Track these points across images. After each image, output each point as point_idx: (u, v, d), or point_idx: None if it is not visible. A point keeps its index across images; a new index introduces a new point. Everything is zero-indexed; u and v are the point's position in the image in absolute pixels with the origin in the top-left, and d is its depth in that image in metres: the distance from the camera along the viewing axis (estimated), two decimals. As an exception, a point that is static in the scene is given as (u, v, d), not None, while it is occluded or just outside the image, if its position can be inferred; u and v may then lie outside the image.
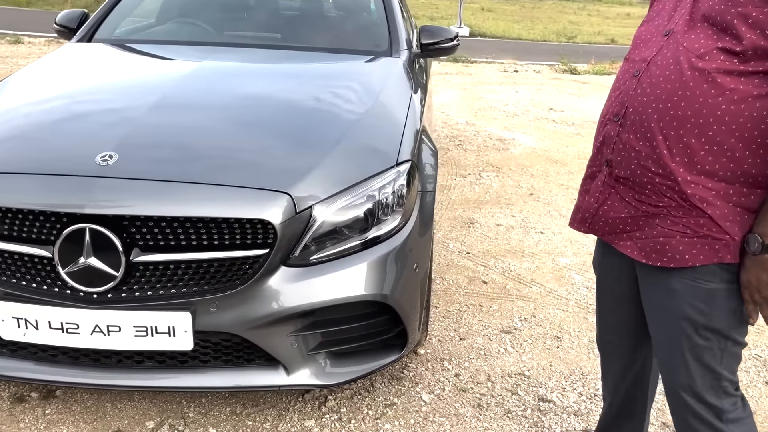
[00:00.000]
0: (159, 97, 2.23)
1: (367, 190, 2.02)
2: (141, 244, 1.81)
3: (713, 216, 1.29)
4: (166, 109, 2.17)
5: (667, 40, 1.35)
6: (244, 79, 2.64)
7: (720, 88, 1.23)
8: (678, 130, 1.29)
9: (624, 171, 1.40)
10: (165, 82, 2.42)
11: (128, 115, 2.10)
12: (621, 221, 1.44)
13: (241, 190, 1.84)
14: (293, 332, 1.93)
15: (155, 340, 1.83)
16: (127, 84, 2.49)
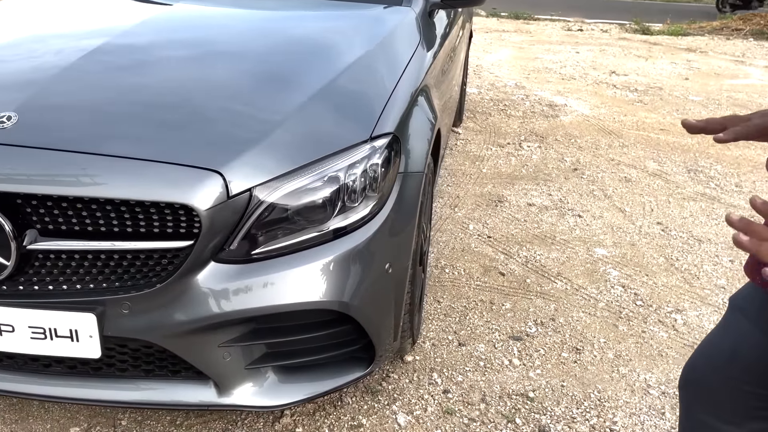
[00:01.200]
0: (96, 45, 1.87)
1: (329, 170, 1.62)
2: (39, 227, 1.47)
3: None
4: (99, 61, 1.80)
5: None
6: (206, 30, 2.24)
7: None
8: None
9: None
10: (114, 27, 2.05)
11: (49, 67, 1.75)
12: None
13: (159, 165, 1.47)
14: (226, 342, 1.57)
15: (55, 345, 1.51)
16: (69, 31, 2.13)
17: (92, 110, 1.62)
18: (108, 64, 1.81)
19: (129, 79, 1.77)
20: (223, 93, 1.75)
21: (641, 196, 3.75)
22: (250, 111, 1.69)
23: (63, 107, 1.61)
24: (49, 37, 2.09)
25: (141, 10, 2.36)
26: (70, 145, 1.49)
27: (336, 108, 1.80)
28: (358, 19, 2.44)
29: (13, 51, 1.95)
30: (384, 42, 2.23)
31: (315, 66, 1.95)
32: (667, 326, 2.48)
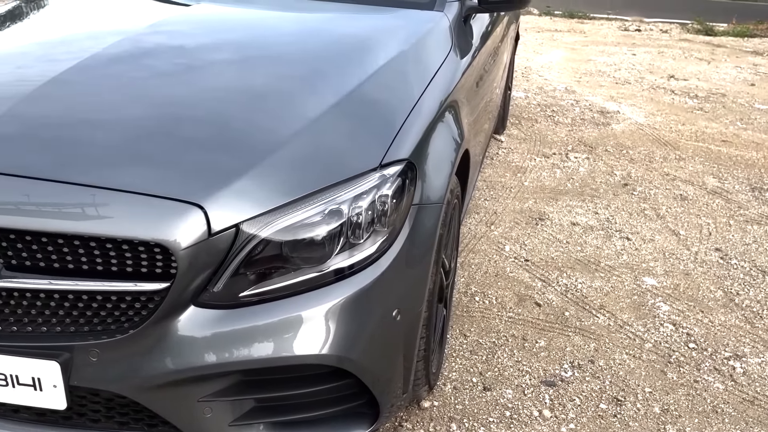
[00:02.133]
0: (87, 57, 1.70)
1: (331, 202, 1.41)
2: (2, 263, 1.32)
3: None
4: (85, 75, 1.64)
5: None
6: (213, 38, 2.06)
7: None
8: None
9: None
10: (107, 38, 1.87)
11: (32, 79, 1.59)
12: None
13: (131, 196, 1.29)
14: (207, 396, 1.39)
15: (17, 393, 1.35)
16: (66, 38, 1.98)
17: (67, 130, 1.46)
18: (96, 76, 1.65)
19: (116, 93, 1.60)
20: (215, 110, 1.56)
21: (698, 217, 3.42)
22: (245, 132, 1.49)
23: (39, 126, 1.45)
24: (45, 42, 1.95)
25: (153, 12, 2.21)
26: (38, 171, 1.33)
27: (345, 130, 1.59)
28: (382, 26, 2.23)
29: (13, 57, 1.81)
30: (408, 52, 2.01)
31: (326, 81, 1.75)
32: (725, 375, 2.18)
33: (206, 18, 2.27)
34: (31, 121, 1.46)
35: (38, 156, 1.37)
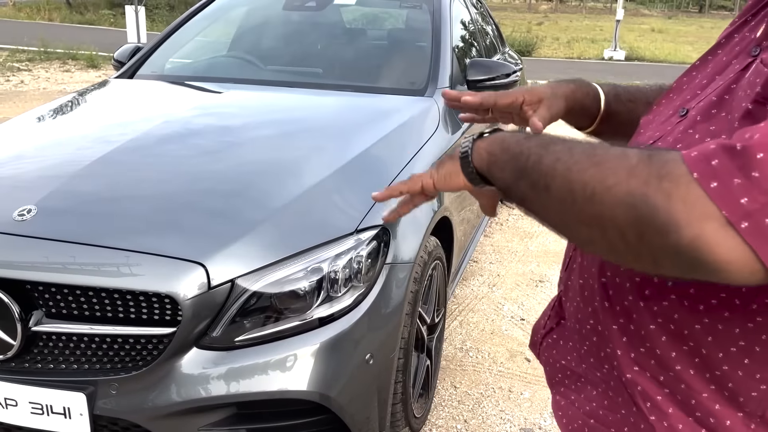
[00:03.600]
0: (121, 143, 2.06)
1: (313, 261, 1.69)
2: (44, 311, 1.63)
3: (657, 426, 0.76)
4: (118, 158, 1.99)
5: (678, 125, 0.78)
6: (226, 124, 2.41)
7: None
8: (623, 284, 0.78)
9: (570, 304, 0.90)
10: (143, 124, 2.25)
11: (79, 160, 1.95)
12: (560, 368, 0.94)
13: (146, 257, 1.60)
14: (207, 426, 1.64)
15: (51, 420, 1.63)
16: (105, 126, 2.36)
17: (101, 202, 1.80)
18: (127, 159, 2.00)
19: (142, 172, 1.95)
20: (217, 185, 1.88)
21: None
22: (242, 203, 1.80)
23: (77, 201, 1.79)
24: (88, 130, 2.33)
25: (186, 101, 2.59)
26: (75, 237, 1.65)
27: (328, 200, 1.89)
28: (380, 109, 2.55)
29: (51, 144, 2.19)
30: (397, 130, 2.33)
31: (323, 157, 2.07)
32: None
33: (230, 105, 2.65)
34: (77, 196, 1.81)
35: (77, 225, 1.70)
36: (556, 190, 0.68)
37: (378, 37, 3.46)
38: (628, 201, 0.61)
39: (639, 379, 0.78)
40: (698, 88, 0.81)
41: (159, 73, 3.12)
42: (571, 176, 0.67)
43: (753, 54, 0.73)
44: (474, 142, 0.84)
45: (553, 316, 0.98)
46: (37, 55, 11.73)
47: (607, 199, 0.63)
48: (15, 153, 2.14)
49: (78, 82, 9.55)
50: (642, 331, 0.77)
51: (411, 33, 3.28)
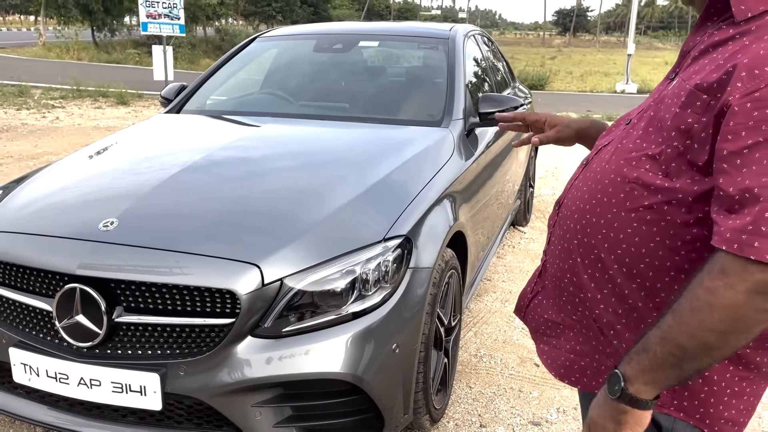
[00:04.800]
0: (182, 167, 2.42)
1: (347, 264, 2.01)
2: (124, 305, 1.95)
3: (619, 350, 1.08)
4: (181, 179, 2.34)
5: (622, 131, 1.14)
6: (270, 153, 2.77)
7: (635, 201, 1.04)
8: (590, 239, 1.10)
9: (551, 267, 1.24)
10: (199, 152, 2.61)
11: (146, 183, 2.30)
12: (544, 322, 1.27)
13: (211, 260, 1.93)
14: (258, 403, 1.94)
15: (129, 398, 1.94)
16: (167, 154, 2.73)
17: (170, 216, 2.14)
18: (188, 180, 2.35)
19: (202, 191, 2.29)
20: (270, 203, 2.22)
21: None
22: (289, 217, 2.13)
23: (151, 215, 2.14)
24: (153, 157, 2.70)
25: (220, 138, 2.95)
26: (152, 243, 1.99)
27: (362, 214, 2.22)
28: (400, 139, 2.89)
29: (122, 170, 2.55)
30: (417, 157, 2.66)
31: (352, 180, 2.40)
32: (689, 420, 2.57)
33: (270, 135, 3.01)
34: (149, 211, 2.15)
35: (151, 234, 2.03)
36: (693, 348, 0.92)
37: (398, 75, 3.83)
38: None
39: (605, 314, 1.10)
40: (641, 105, 1.16)
41: (202, 108, 3.51)
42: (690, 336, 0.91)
43: (671, 78, 1.10)
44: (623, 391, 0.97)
45: (538, 282, 1.31)
46: (69, 93, 12.34)
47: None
48: (90, 177, 2.51)
49: (110, 118, 10.07)
50: (606, 275, 1.09)
51: (428, 70, 3.63)
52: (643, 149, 1.05)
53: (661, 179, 1.00)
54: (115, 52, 22.44)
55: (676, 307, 0.93)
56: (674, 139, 0.99)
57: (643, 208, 1.03)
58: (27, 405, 2.12)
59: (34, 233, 2.11)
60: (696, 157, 0.96)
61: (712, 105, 0.94)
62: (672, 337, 0.92)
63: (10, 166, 6.53)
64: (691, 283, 0.92)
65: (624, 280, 1.06)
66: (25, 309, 2.07)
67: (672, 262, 1.01)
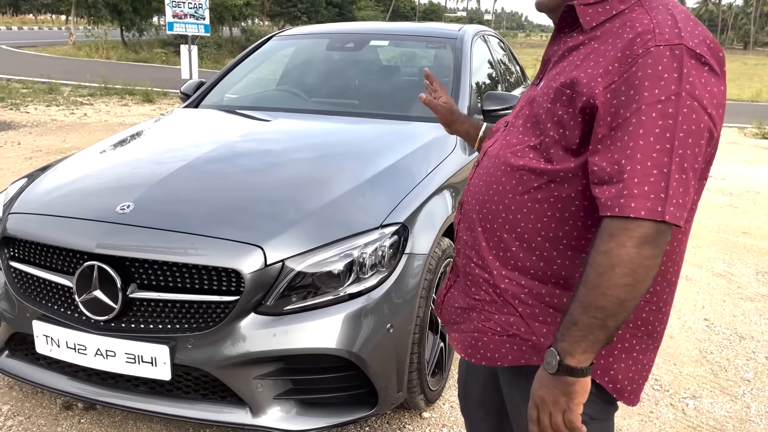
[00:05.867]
0: (195, 158, 2.57)
1: (346, 248, 2.14)
2: (138, 282, 2.11)
3: (523, 315, 1.25)
4: (194, 168, 2.49)
5: (503, 132, 1.35)
6: (279, 144, 2.91)
7: (526, 185, 1.22)
8: (493, 224, 1.28)
9: (459, 259, 1.41)
10: (212, 144, 2.76)
11: (161, 171, 2.46)
12: (454, 311, 1.42)
13: (218, 241, 2.07)
14: (260, 376, 2.08)
15: (141, 368, 2.10)
16: (182, 145, 2.89)
17: (182, 201, 2.29)
18: (200, 169, 2.50)
19: (212, 179, 2.44)
20: (276, 190, 2.37)
21: (697, 293, 3.89)
22: (292, 203, 2.27)
23: (164, 200, 2.29)
24: (169, 147, 2.86)
25: (235, 130, 3.10)
26: (164, 225, 2.14)
27: (361, 201, 2.35)
28: (405, 133, 3.02)
29: (139, 159, 2.72)
30: (420, 150, 2.79)
31: (351, 171, 2.53)
32: (677, 409, 2.66)
33: (280, 129, 3.16)
34: (163, 197, 2.30)
35: (164, 217, 2.19)
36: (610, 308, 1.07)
37: (407, 73, 3.96)
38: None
39: (509, 286, 1.27)
40: (515, 109, 1.38)
41: (219, 103, 3.67)
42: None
43: (536, 83, 1.32)
44: (560, 364, 1.10)
45: (450, 278, 1.47)
46: (97, 90, 12.67)
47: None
48: (112, 164, 2.68)
49: (135, 115, 10.33)
50: (508, 252, 1.26)
51: (436, 69, 3.74)
52: (524, 142, 1.24)
53: (544, 164, 1.19)
54: (142, 52, 22.88)
55: (584, 278, 1.09)
56: (550, 130, 1.18)
57: (533, 190, 1.21)
58: (49, 375, 2.29)
59: (56, 215, 2.27)
60: (569, 142, 1.16)
61: (575, 98, 1.14)
62: (590, 303, 1.07)
63: (39, 160, 6.79)
64: (589, 255, 1.09)
65: (525, 254, 1.24)
66: (48, 285, 2.24)
67: (563, 232, 1.20)
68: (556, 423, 1.14)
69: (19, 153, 7.12)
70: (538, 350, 1.24)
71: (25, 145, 7.57)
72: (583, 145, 1.14)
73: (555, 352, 1.11)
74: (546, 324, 1.23)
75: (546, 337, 1.23)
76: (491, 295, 1.30)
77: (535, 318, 1.24)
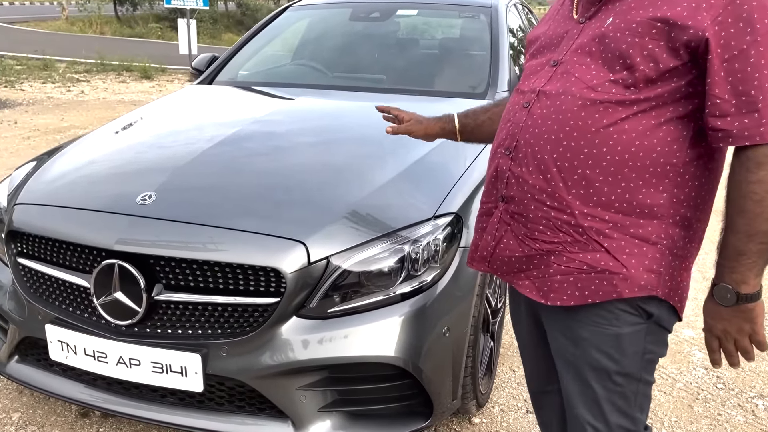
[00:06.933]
0: (220, 140, 2.32)
1: (396, 243, 1.90)
2: (164, 282, 1.87)
3: (609, 249, 1.26)
4: (219, 152, 2.24)
5: (556, 71, 1.32)
6: (308, 125, 2.65)
7: (611, 117, 1.23)
8: (572, 162, 1.26)
9: (518, 206, 1.36)
10: (235, 124, 2.50)
11: (184, 156, 2.21)
12: (517, 260, 1.39)
13: (255, 236, 1.83)
14: (303, 386, 1.86)
15: (169, 378, 1.87)
16: (202, 125, 2.63)
17: (210, 190, 2.04)
18: (227, 153, 2.25)
19: (242, 165, 2.19)
20: (311, 179, 2.11)
21: (743, 279, 3.67)
22: (333, 192, 2.03)
23: (190, 188, 2.04)
24: (188, 128, 2.60)
25: (259, 109, 2.84)
26: (192, 218, 1.90)
27: (409, 190, 2.10)
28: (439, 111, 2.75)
29: (158, 141, 2.46)
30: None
31: (398, 153, 2.29)
32: (746, 411, 2.45)
33: (306, 108, 2.90)
34: (189, 184, 2.06)
35: (192, 208, 1.94)
36: None
37: (438, 45, 3.68)
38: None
39: (593, 223, 1.26)
40: (548, 51, 1.37)
41: (234, 79, 3.40)
42: None
43: (581, 22, 1.31)
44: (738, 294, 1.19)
45: (499, 228, 1.41)
46: (93, 67, 12.31)
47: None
48: (125, 149, 2.42)
49: (134, 92, 10.02)
50: (591, 189, 1.25)
51: (470, 41, 3.48)
52: (602, 77, 1.23)
53: (632, 95, 1.20)
54: (137, 26, 22.33)
55: (738, 211, 1.15)
56: (640, 65, 1.19)
57: (620, 121, 1.22)
58: (63, 383, 2.07)
59: (69, 206, 2.03)
60: (662, 74, 1.18)
61: (673, 32, 1.15)
62: (755, 230, 1.14)
63: (37, 140, 6.51)
64: (736, 187, 1.15)
65: (610, 188, 1.24)
66: (62, 285, 2.00)
67: (650, 160, 1.22)
68: (743, 347, 1.23)
69: (16, 133, 6.84)
70: (628, 282, 1.26)
71: (21, 124, 7.27)
72: (678, 74, 1.18)
73: (728, 286, 1.19)
74: (633, 255, 1.25)
75: (635, 267, 1.25)
76: (573, 236, 1.28)
77: (622, 251, 1.26)
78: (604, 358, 1.33)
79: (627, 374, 1.34)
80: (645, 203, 1.24)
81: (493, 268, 1.46)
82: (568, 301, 1.31)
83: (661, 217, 1.25)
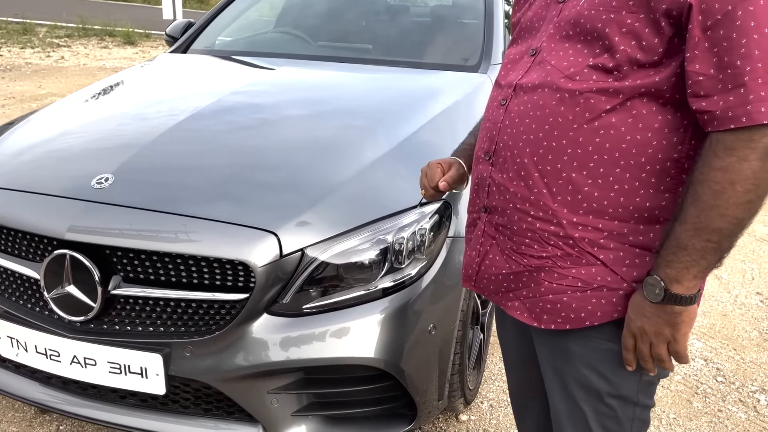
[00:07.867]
0: (187, 115, 2.12)
1: (378, 233, 1.73)
2: (122, 275, 1.69)
3: (606, 261, 1.10)
4: (186, 128, 2.04)
5: (534, 60, 1.15)
6: (287, 98, 2.44)
7: (594, 110, 1.06)
8: (555, 164, 1.10)
9: (501, 217, 1.21)
10: (207, 97, 2.30)
11: (148, 132, 2.01)
12: (504, 278, 1.23)
13: (221, 225, 1.65)
14: (275, 389, 1.70)
15: (128, 380, 1.70)
16: (170, 99, 2.42)
17: (175, 171, 1.85)
18: (194, 130, 2.05)
19: (209, 144, 1.99)
20: (288, 159, 1.92)
21: (743, 262, 3.54)
22: (310, 177, 1.84)
23: (152, 169, 1.85)
24: (155, 102, 2.39)
25: (233, 81, 2.62)
26: (152, 204, 1.71)
27: (391, 174, 1.92)
28: (435, 85, 2.57)
29: (121, 116, 2.24)
30: (453, 107, 2.34)
31: (382, 131, 2.10)
32: (748, 406, 2.33)
33: (287, 79, 2.69)
34: (150, 166, 1.85)
35: (153, 193, 1.75)
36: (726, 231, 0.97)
37: (428, 13, 3.46)
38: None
39: (584, 233, 1.10)
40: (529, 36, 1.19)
41: (211, 48, 3.18)
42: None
43: (560, 1, 1.13)
44: (666, 292, 1.02)
45: (483, 243, 1.25)
46: (75, 31, 11.92)
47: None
48: (85, 124, 2.21)
49: (116, 59, 9.70)
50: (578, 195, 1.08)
51: (462, 9, 3.27)
52: (581, 63, 1.07)
53: (615, 82, 1.03)
54: (122, -10, 21.71)
55: (693, 198, 0.98)
56: (620, 44, 1.02)
57: (605, 113, 1.05)
58: (15, 380, 1.90)
59: (17, 189, 1.83)
60: (647, 52, 1.00)
61: (646, 1, 0.99)
62: (704, 224, 0.97)
63: (12, 108, 6.25)
64: (698, 173, 0.98)
65: (600, 192, 1.08)
66: (10, 275, 1.83)
67: (645, 157, 1.05)
68: (657, 353, 1.08)
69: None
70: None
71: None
72: (668, 53, 1.00)
73: (658, 279, 1.03)
74: (635, 267, 1.10)
75: (638, 281, 1.09)
76: (562, 249, 1.13)
77: (621, 263, 1.10)
78: (595, 377, 1.18)
79: (621, 397, 1.18)
80: (644, 207, 1.08)
81: (479, 287, 1.30)
82: (563, 324, 1.16)
83: (665, 221, 1.08)
